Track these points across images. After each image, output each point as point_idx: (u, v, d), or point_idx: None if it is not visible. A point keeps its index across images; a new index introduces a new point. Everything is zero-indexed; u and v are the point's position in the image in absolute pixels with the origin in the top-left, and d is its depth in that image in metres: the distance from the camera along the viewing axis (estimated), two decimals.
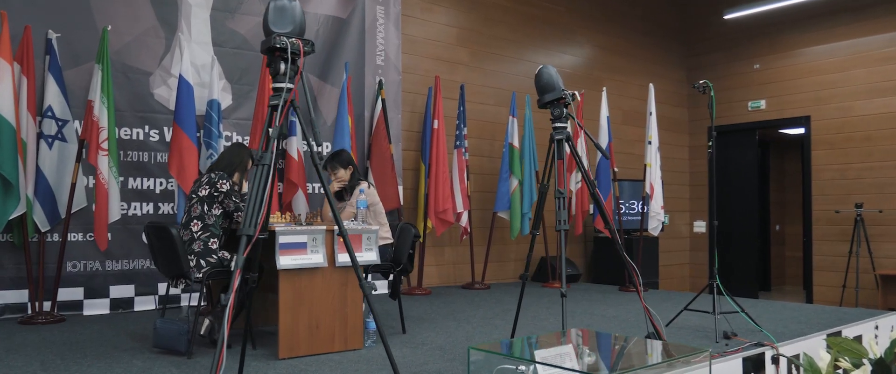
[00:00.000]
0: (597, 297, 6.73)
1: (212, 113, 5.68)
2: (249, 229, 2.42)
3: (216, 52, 5.97)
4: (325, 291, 3.99)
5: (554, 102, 3.73)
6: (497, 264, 7.79)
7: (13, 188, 4.68)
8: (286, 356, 3.84)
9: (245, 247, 2.42)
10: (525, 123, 7.51)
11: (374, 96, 6.88)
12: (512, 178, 7.40)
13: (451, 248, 7.53)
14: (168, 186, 5.68)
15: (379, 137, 6.74)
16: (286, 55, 2.72)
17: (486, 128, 7.88)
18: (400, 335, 4.55)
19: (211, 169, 4.18)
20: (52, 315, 4.95)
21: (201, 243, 3.97)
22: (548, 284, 7.58)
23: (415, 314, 5.40)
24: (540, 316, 5.44)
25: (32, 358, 3.77)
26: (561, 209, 3.54)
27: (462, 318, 5.29)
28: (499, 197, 7.39)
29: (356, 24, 6.86)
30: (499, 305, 6.05)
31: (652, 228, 7.23)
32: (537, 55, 8.44)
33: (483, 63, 7.95)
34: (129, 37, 5.58)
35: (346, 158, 4.77)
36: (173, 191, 5.66)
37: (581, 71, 8.96)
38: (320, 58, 6.56)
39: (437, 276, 7.43)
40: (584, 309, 5.86)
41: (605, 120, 7.47)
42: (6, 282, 5.02)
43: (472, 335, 4.66)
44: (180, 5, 5.84)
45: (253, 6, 6.22)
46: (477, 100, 7.77)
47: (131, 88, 5.57)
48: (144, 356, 3.84)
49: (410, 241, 4.76)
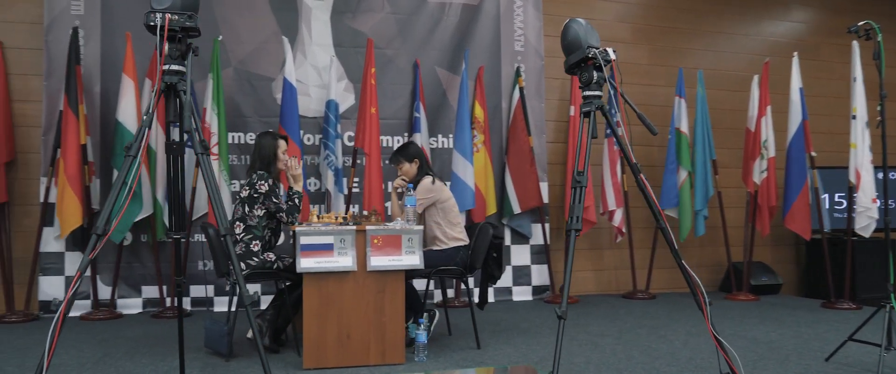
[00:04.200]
0: (775, 313, 5.38)
1: (329, 114, 5.66)
2: (99, 227, 2.18)
3: (337, 53, 5.95)
4: (356, 298, 3.63)
5: (580, 64, 2.92)
6: (666, 270, 6.69)
7: (137, 194, 5.09)
8: (312, 366, 3.56)
9: (92, 247, 2.19)
10: (697, 104, 6.34)
11: (512, 85, 6.33)
12: (680, 169, 6.30)
13: (610, 251, 6.65)
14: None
15: (517, 129, 6.18)
16: (165, 33, 2.43)
17: (648, 112, 6.81)
18: (470, 352, 4.00)
19: (250, 168, 4.07)
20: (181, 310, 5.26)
21: (243, 245, 3.88)
22: (732, 295, 6.29)
23: (523, 327, 4.78)
24: (689, 339, 4.45)
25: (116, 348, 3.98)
26: (577, 203, 2.73)
27: (577, 334, 4.54)
28: (665, 192, 6.34)
29: (489, 10, 6.38)
30: (649, 318, 5.12)
31: (860, 227, 5.58)
32: (721, 23, 7.13)
33: (650, 39, 6.92)
34: (252, 45, 5.79)
35: (412, 151, 4.36)
36: None
37: (791, 36, 7.37)
38: (450, 49, 6.22)
39: (595, 283, 6.61)
40: (733, 330, 4.69)
41: (797, 93, 5.98)
42: (148, 279, 5.47)
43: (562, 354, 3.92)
44: (300, 10, 5.92)
45: (374, 3, 6.09)
46: (636, 80, 6.78)
47: (256, 94, 5.77)
48: (189, 355, 3.84)
49: (488, 243, 4.18)
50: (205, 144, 2.47)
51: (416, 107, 5.96)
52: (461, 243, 4.24)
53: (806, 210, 5.91)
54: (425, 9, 6.21)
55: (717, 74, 6.98)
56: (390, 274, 3.68)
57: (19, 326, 4.83)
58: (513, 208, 6.14)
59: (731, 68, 7.09)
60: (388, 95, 6.04)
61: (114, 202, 2.27)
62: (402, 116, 6.09)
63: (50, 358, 2.03)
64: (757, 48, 7.19)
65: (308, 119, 5.86)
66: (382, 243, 3.67)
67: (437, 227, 4.23)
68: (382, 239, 3.68)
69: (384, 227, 3.73)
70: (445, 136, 6.18)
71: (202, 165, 2.43)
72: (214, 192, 2.39)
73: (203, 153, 2.44)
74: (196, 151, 2.45)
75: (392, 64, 6.09)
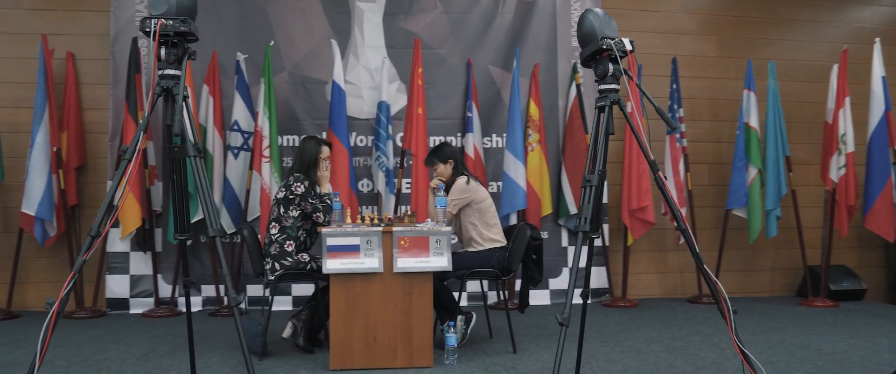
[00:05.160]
0: (851, 321, 4.96)
1: (381, 115, 5.68)
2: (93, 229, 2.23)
3: (389, 54, 5.96)
4: (383, 299, 3.60)
5: (594, 57, 2.76)
6: (735, 274, 6.33)
7: (192, 196, 5.27)
8: (338, 367, 3.56)
9: (86, 248, 2.24)
10: (769, 97, 5.95)
11: (568, 82, 6.16)
12: (749, 167, 5.93)
13: (675, 253, 6.34)
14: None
15: (573, 128, 6.00)
16: (161, 39, 2.46)
17: (717, 107, 6.48)
18: (506, 356, 3.90)
19: (290, 171, 4.12)
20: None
21: (277, 246, 3.93)
22: (807, 301, 5.86)
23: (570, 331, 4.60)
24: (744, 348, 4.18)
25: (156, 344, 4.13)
26: (587, 204, 2.57)
27: (624, 340, 4.35)
28: (733, 190, 5.98)
29: (545, 6, 6.23)
30: (708, 324, 4.85)
31: None
32: (798, 9, 6.67)
33: (718, 29, 6.55)
34: (306, 49, 5.89)
35: (446, 152, 4.29)
36: None
37: (876, 22, 6.81)
38: (504, 46, 6.11)
39: (659, 286, 6.33)
40: (797, 338, 4.35)
41: (879, 82, 5.49)
42: (207, 278, 5.66)
43: (591, 362, 3.77)
44: (353, 13, 5.98)
45: (426, 3, 6.07)
46: (703, 74, 6.44)
47: (309, 97, 5.87)
48: (224, 354, 3.93)
49: (525, 245, 4.06)
50: (197, 147, 2.49)
51: (468, 106, 5.89)
52: (498, 245, 4.14)
53: (889, 209, 5.43)
54: (478, 7, 6.13)
55: (794, 64, 6.53)
56: (418, 276, 3.63)
57: (86, 321, 5.10)
58: (569, 208, 5.97)
59: (809, 58, 6.62)
60: (441, 95, 6.01)
61: (108, 206, 2.33)
62: (455, 116, 6.03)
63: (42, 358, 2.10)
64: (838, 35, 6.67)
65: (361, 121, 5.90)
66: (409, 244, 3.63)
67: (473, 228, 4.15)
68: (410, 240, 3.63)
69: (411, 228, 3.68)
70: (499, 135, 6.07)
71: (194, 167, 2.46)
72: (206, 193, 2.41)
73: (195, 155, 2.47)
74: (188, 153, 2.48)
75: (445, 64, 6.04)
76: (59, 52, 5.49)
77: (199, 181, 2.40)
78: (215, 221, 2.42)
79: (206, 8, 5.71)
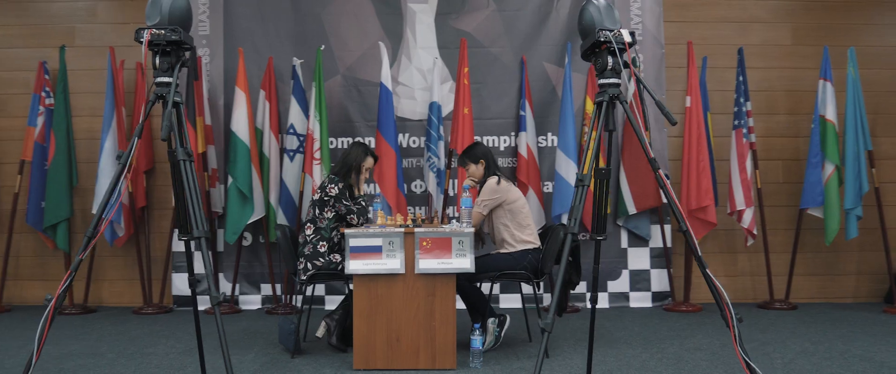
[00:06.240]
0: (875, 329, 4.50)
1: (432, 116, 5.69)
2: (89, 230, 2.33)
3: (441, 54, 5.96)
4: (406, 300, 3.59)
5: (594, 50, 2.63)
6: (811, 277, 5.89)
7: (248, 198, 5.47)
8: (361, 367, 3.58)
9: (83, 248, 2.34)
10: (848, 87, 5.49)
11: (626, 76, 5.92)
12: (826, 163, 5.50)
13: (745, 255, 5.97)
14: (372, 189, 5.83)
15: None
16: (155, 48, 2.55)
17: (794, 99, 6.04)
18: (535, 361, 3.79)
19: (332, 172, 4.18)
20: (291, 307, 5.59)
21: (311, 246, 4.00)
22: (893, 308, 5.37)
23: (616, 336, 4.46)
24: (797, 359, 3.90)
25: None
26: (577, 204, 2.45)
27: (669, 347, 4.15)
28: (807, 189, 5.57)
29: None
30: (770, 332, 4.55)
31: None
32: None
33: (793, 16, 6.12)
34: (359, 52, 5.97)
35: (478, 152, 4.22)
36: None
37: None
38: (560, 43, 5.96)
39: (728, 290, 5.95)
40: (860, 349, 3.98)
41: None
42: (265, 277, 5.85)
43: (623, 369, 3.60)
44: (405, 14, 6.01)
45: (478, 2, 6.02)
46: (778, 64, 6.03)
47: (362, 99, 5.95)
48: (260, 351, 4.03)
49: (559, 246, 3.94)
50: (187, 151, 2.57)
51: (521, 105, 5.79)
52: (530, 246, 4.04)
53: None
54: (532, 3, 6.02)
55: (878, 50, 6.00)
56: (441, 277, 3.60)
57: (151, 317, 5.39)
58: (628, 208, 5.75)
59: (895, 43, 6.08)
60: (494, 94, 5.94)
61: (103, 207, 2.44)
62: (508, 115, 5.94)
63: (39, 353, 2.22)
64: None
65: (413, 122, 5.93)
66: (432, 245, 3.60)
67: (505, 229, 4.07)
68: (432, 242, 3.61)
69: (434, 229, 3.65)
70: (555, 133, 5.93)
71: (184, 171, 2.53)
72: (193, 196, 2.48)
73: (185, 159, 2.54)
74: (178, 157, 2.56)
75: (498, 62, 5.97)
76: (130, 63, 5.83)
77: (188, 185, 2.47)
78: (200, 222, 2.48)
79: (264, 17, 5.92)
